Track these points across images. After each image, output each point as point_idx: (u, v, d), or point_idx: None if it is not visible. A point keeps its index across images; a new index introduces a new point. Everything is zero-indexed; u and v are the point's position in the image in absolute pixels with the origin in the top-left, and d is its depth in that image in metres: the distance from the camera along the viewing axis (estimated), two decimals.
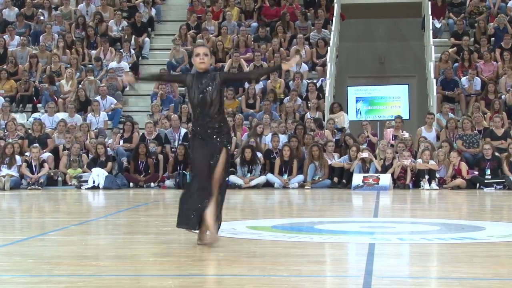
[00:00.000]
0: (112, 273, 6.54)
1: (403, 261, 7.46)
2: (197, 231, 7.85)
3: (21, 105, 21.13)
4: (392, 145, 18.12)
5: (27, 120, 20.53)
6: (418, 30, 24.12)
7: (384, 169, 17.35)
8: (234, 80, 8.13)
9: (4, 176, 17.45)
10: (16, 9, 24.09)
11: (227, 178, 8.16)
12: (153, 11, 24.27)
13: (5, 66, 21.93)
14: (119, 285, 6.05)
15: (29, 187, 17.56)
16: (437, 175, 17.15)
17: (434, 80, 20.45)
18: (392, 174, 17.22)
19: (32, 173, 17.83)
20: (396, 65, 25.67)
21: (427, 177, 17.01)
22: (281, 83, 21.04)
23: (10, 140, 18.48)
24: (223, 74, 8.03)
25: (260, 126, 18.76)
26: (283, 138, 18.57)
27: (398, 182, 17.26)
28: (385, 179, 16.92)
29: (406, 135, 18.59)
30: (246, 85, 20.89)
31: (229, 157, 7.93)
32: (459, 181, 17.04)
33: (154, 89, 21.16)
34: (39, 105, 21.21)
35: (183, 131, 19.11)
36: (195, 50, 8.00)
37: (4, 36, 22.90)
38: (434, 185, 16.90)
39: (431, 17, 22.62)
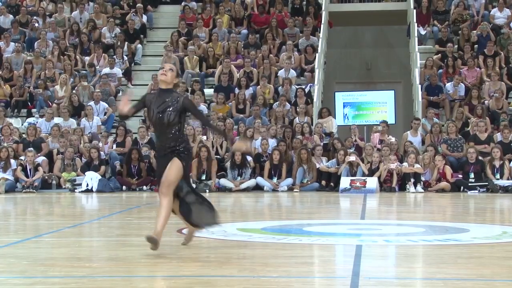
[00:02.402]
0: (105, 275, 6.52)
1: (389, 262, 7.47)
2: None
3: (16, 110, 21.07)
4: (378, 149, 18.15)
5: (22, 124, 20.46)
6: (404, 37, 24.19)
7: (371, 173, 17.39)
8: (192, 114, 7.75)
9: None
10: (11, 16, 24.03)
11: (194, 185, 8.11)
12: (145, 18, 24.24)
13: (0, 72, 21.87)
14: (112, 286, 6.04)
15: (24, 190, 17.50)
16: (422, 178, 17.19)
17: (419, 86, 20.50)
18: (379, 178, 17.25)
19: (27, 176, 17.78)
20: (382, 71, 25.73)
21: (412, 180, 17.05)
22: (270, 88, 21.05)
23: (5, 144, 18.41)
24: (186, 102, 7.62)
25: (250, 130, 18.77)
26: (272, 142, 18.58)
27: (385, 185, 17.29)
28: (372, 182, 16.95)
29: (392, 139, 18.63)
30: (236, 90, 20.89)
31: (184, 166, 7.59)
32: (443, 184, 17.08)
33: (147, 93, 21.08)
34: (33, 110, 21.15)
35: None
36: (163, 65, 7.77)
37: None
38: (419, 188, 16.94)
39: (416, 24, 22.69)
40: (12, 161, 17.85)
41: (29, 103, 21.34)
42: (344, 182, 17.09)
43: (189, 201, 7.71)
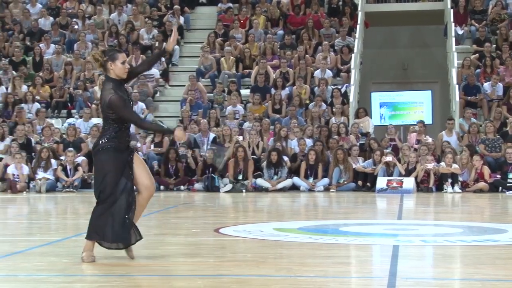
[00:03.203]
0: (143, 273, 6.55)
1: (426, 262, 7.40)
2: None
3: (56, 111, 21.30)
4: (415, 149, 18.02)
5: (62, 125, 20.67)
6: (441, 37, 23.97)
7: (408, 173, 17.25)
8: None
9: (40, 179, 17.60)
10: (52, 18, 24.29)
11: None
12: (182, 20, 24.34)
13: (41, 73, 22.12)
14: (150, 284, 6.07)
15: (64, 190, 17.68)
16: (460, 179, 17.00)
17: (457, 86, 20.31)
18: (416, 178, 17.12)
19: (67, 176, 17.95)
20: (419, 72, 25.54)
21: (450, 180, 16.88)
22: (306, 89, 21.01)
23: (46, 145, 18.63)
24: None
25: (284, 130, 18.74)
26: (308, 143, 18.53)
27: (422, 186, 17.15)
28: (409, 182, 16.83)
29: (429, 139, 18.48)
30: (273, 91, 20.88)
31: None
32: (481, 184, 16.89)
33: (183, 95, 21.23)
34: (73, 111, 21.36)
35: (211, 135, 19.15)
36: (119, 55, 7.04)
37: (40, 45, 23.10)
38: (457, 188, 16.77)
39: (453, 24, 22.48)
40: (53, 161, 18.04)
41: (69, 104, 21.56)
42: (381, 182, 16.99)
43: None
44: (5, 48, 23.30)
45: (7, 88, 21.57)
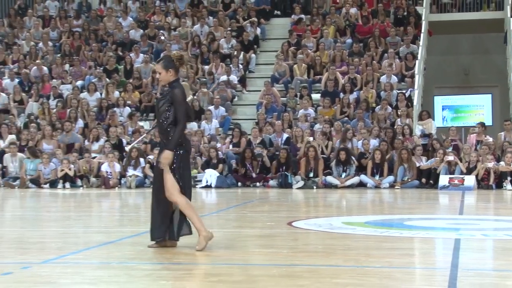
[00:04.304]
0: (223, 262, 6.61)
1: (487, 255, 7.25)
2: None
3: (144, 114, 21.64)
4: (476, 149, 17.67)
5: (150, 127, 20.98)
6: (501, 44, 23.44)
7: (469, 172, 16.93)
8: (174, 108, 7.01)
9: (130, 176, 17.92)
10: (141, 30, 24.70)
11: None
12: (259, 30, 24.44)
13: (131, 80, 22.52)
14: (229, 272, 6.11)
15: (151, 186, 17.91)
16: None
17: None
18: (476, 176, 16.78)
19: None
20: (479, 76, 25.04)
21: (509, 178, 16.49)
22: (373, 93, 20.83)
23: (136, 145, 18.95)
24: (173, 96, 7.01)
25: (350, 131, 18.63)
26: (374, 143, 18.39)
27: (482, 183, 16.80)
28: (470, 180, 16.50)
29: (490, 139, 18.10)
30: (341, 95, 20.77)
31: (176, 167, 7.02)
32: None
33: (259, 99, 21.30)
34: None
35: (285, 136, 19.17)
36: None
37: (130, 54, 23.52)
38: None
39: None
40: (141, 159, 18.34)
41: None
42: (443, 180, 16.72)
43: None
44: (100, 57, 23.80)
45: (101, 94, 22.04)
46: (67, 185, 17.92)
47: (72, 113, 20.46)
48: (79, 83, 22.67)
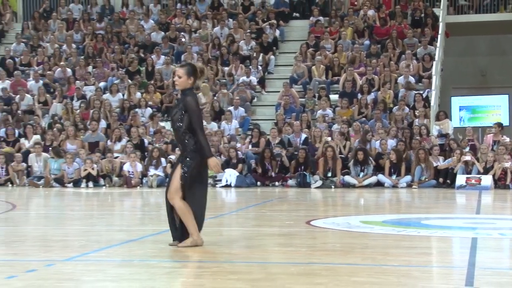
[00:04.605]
0: (243, 260, 6.60)
1: (504, 254, 7.19)
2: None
3: (165, 115, 21.68)
4: (493, 149, 17.53)
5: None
6: None
7: (485, 171, 16.79)
8: (188, 116, 7.06)
9: (152, 176, 17.98)
10: (162, 32, 24.76)
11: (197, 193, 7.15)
12: (278, 32, 24.42)
13: (152, 82, 22.58)
14: (249, 270, 6.10)
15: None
16: None
17: None
18: (493, 176, 16.64)
19: None
20: (496, 77, 24.84)
21: None
22: (390, 94, 20.73)
23: (157, 145, 19.01)
24: (186, 105, 7.05)
25: (370, 133, 18.55)
26: (391, 143, 18.30)
27: (499, 183, 16.66)
28: (487, 180, 16.38)
29: (507, 139, 17.95)
30: (359, 95, 20.69)
31: (187, 173, 7.03)
32: None
33: (278, 100, 21.28)
34: None
35: (303, 136, 19.13)
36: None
37: (152, 56, 23.58)
38: None
39: None
40: (163, 159, 18.39)
41: None
42: (460, 179, 16.60)
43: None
44: (122, 59, 23.90)
45: (123, 95, 22.12)
46: (90, 184, 18.02)
47: (95, 114, 20.55)
48: (101, 84, 22.77)
